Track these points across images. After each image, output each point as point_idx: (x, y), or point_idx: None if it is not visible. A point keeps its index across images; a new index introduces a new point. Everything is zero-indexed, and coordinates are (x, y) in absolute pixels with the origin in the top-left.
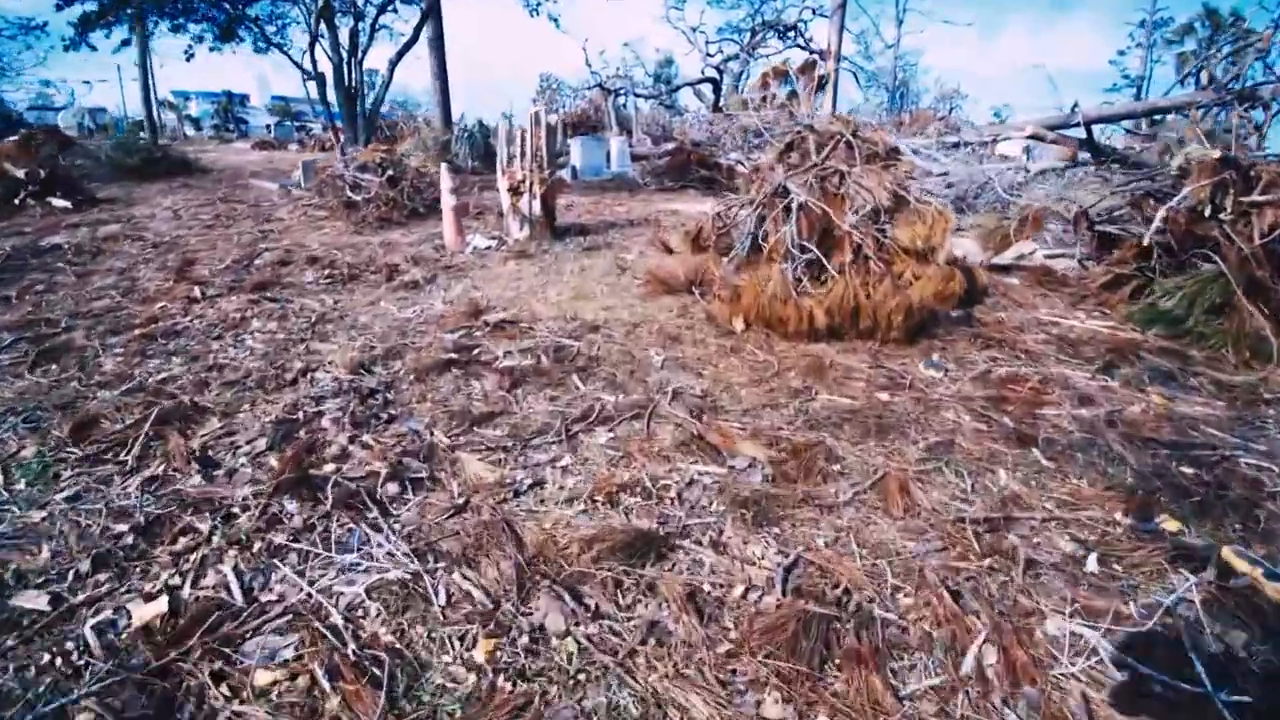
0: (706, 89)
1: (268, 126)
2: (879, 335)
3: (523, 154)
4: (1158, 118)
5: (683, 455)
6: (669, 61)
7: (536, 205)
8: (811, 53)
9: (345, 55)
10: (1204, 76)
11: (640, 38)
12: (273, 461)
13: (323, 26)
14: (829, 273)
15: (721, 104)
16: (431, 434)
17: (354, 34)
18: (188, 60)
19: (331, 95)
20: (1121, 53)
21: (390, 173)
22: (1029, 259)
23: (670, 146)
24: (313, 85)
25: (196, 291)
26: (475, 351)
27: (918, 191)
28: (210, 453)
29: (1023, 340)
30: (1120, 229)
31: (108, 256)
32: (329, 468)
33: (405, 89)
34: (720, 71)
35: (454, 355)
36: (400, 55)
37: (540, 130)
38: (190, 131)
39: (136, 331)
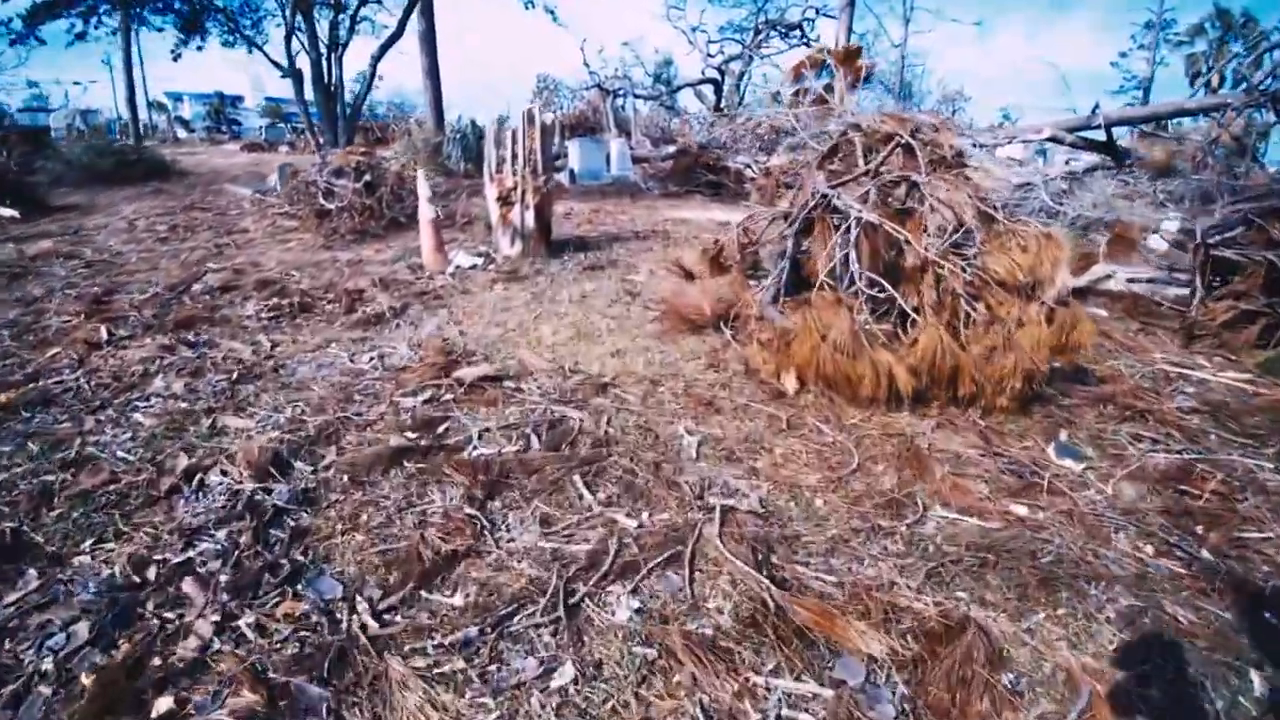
0: (707, 90)
1: (260, 128)
2: (982, 402)
3: (514, 157)
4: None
5: (753, 650)
6: (668, 62)
7: (530, 217)
8: (807, 47)
9: (324, 50)
10: (1214, 79)
11: (640, 37)
12: (83, 678)
13: (299, 19)
14: (896, 311)
15: (723, 105)
16: (352, 610)
17: (333, 27)
18: (175, 60)
19: (311, 94)
20: (1123, 54)
21: (367, 178)
22: (1107, 282)
23: (673, 149)
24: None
25: (104, 332)
26: (441, 429)
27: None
28: (8, 643)
29: (1163, 407)
30: (1239, 253)
31: (29, 279)
32: (164, 705)
33: (400, 89)
34: (721, 72)
35: (410, 437)
36: (384, 49)
37: (535, 130)
38: (182, 133)
39: (2, 397)
